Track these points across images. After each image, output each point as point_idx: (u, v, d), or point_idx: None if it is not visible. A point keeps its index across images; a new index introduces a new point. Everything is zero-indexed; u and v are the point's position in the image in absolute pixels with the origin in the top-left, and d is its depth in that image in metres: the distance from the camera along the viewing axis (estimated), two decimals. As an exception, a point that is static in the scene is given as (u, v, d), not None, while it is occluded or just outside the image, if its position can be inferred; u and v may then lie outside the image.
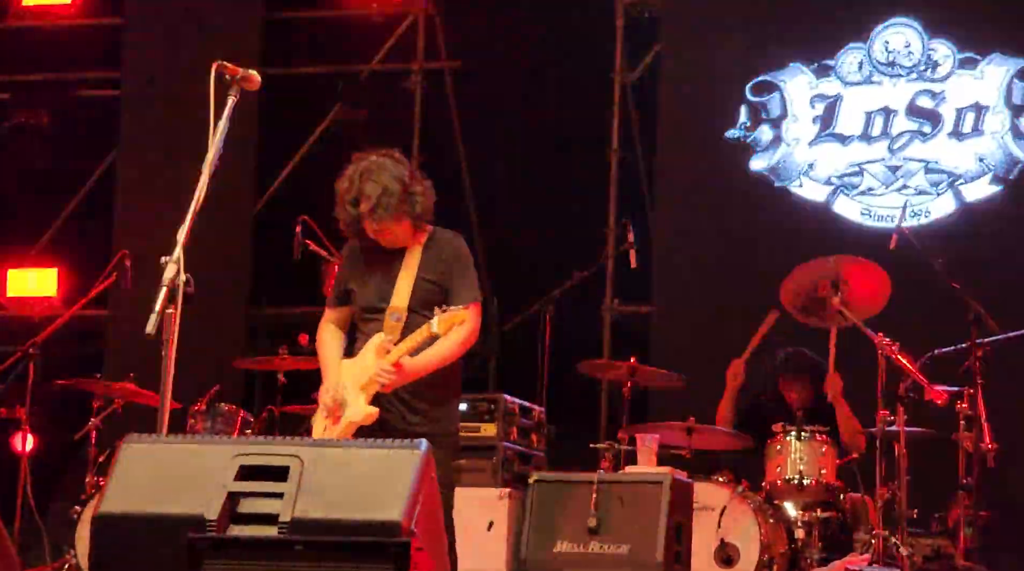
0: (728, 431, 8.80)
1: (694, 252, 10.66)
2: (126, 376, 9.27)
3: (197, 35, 11.51)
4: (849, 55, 10.59)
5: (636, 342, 10.25)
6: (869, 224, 10.37)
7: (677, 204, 10.81)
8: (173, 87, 11.53)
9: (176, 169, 11.20)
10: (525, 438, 8.57)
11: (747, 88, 10.68)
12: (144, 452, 4.48)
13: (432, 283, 6.28)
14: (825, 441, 8.27)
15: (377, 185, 6.20)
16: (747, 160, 10.66)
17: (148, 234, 10.55)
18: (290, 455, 4.35)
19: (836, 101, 10.59)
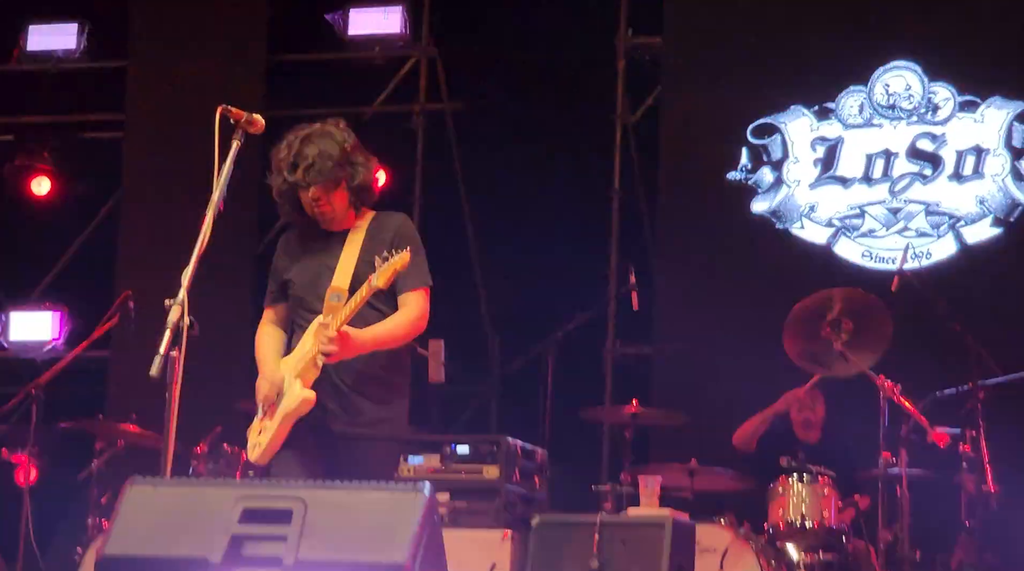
0: (729, 472, 8.80)
1: (696, 294, 10.67)
2: (128, 417, 9.29)
3: (201, 78, 11.55)
4: (850, 98, 10.62)
5: (638, 383, 10.26)
6: (870, 266, 10.38)
7: (679, 246, 10.83)
8: (176, 130, 11.57)
9: (179, 211, 11.25)
10: (527, 480, 8.56)
11: (748, 130, 10.71)
12: (148, 494, 4.49)
13: (374, 262, 5.69)
14: (828, 483, 8.27)
15: (316, 147, 5.83)
16: (748, 202, 10.68)
17: (151, 276, 10.60)
18: (293, 497, 4.37)
19: (837, 143, 10.62)
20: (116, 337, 10.76)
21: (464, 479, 8.37)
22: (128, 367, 11.03)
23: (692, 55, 10.97)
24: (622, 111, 11.37)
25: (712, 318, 10.53)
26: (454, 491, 8.32)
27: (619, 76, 11.39)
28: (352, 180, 5.87)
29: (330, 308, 5.70)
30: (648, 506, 7.88)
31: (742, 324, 10.27)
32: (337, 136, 5.89)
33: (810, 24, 10.71)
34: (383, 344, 5.73)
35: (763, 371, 9.32)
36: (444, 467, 8.42)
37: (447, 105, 11.85)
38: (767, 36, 10.76)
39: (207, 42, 11.79)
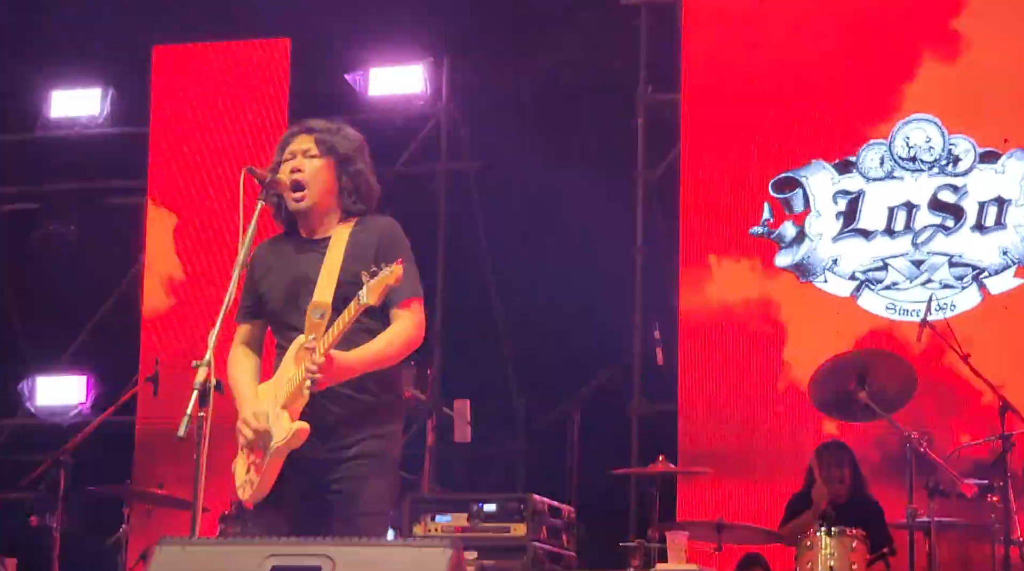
0: (757, 527, 8.77)
1: (720, 349, 10.66)
2: (155, 482, 9.30)
3: (223, 142, 11.63)
4: (871, 151, 10.64)
5: (664, 439, 10.24)
6: (895, 318, 10.37)
7: (701, 301, 10.83)
8: (198, 193, 11.64)
9: (202, 274, 11.30)
10: (555, 537, 8.54)
11: (769, 185, 10.74)
12: (177, 555, 4.50)
13: (360, 273, 5.15)
14: (856, 536, 8.23)
15: (332, 124, 5.52)
16: (771, 256, 10.69)
17: (176, 339, 10.66)
18: (321, 555, 4.37)
19: (859, 196, 10.63)
20: (142, 402, 10.79)
21: (491, 537, 8.35)
22: (154, 431, 11.06)
23: (711, 111, 11.00)
24: (643, 167, 11.40)
25: (736, 373, 10.52)
26: (482, 550, 8.29)
27: (639, 133, 11.43)
28: (348, 165, 5.45)
29: (312, 326, 5.20)
30: (676, 562, 7.86)
31: (766, 378, 10.27)
32: (353, 134, 5.56)
33: (829, 79, 10.74)
34: (375, 365, 5.25)
35: (789, 424, 9.31)
36: (471, 525, 8.40)
37: (468, 164, 11.89)
38: (786, 91, 10.79)
39: (228, 106, 11.87)
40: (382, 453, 5.31)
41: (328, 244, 5.39)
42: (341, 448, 5.26)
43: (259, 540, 4.57)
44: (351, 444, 5.26)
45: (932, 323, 8.82)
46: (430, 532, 8.32)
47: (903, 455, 8.13)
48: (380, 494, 5.32)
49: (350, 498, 5.25)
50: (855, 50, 10.71)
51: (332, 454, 5.26)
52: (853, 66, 10.74)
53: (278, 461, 5.22)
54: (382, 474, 5.30)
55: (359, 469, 5.27)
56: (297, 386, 5.18)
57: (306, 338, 5.21)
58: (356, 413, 5.27)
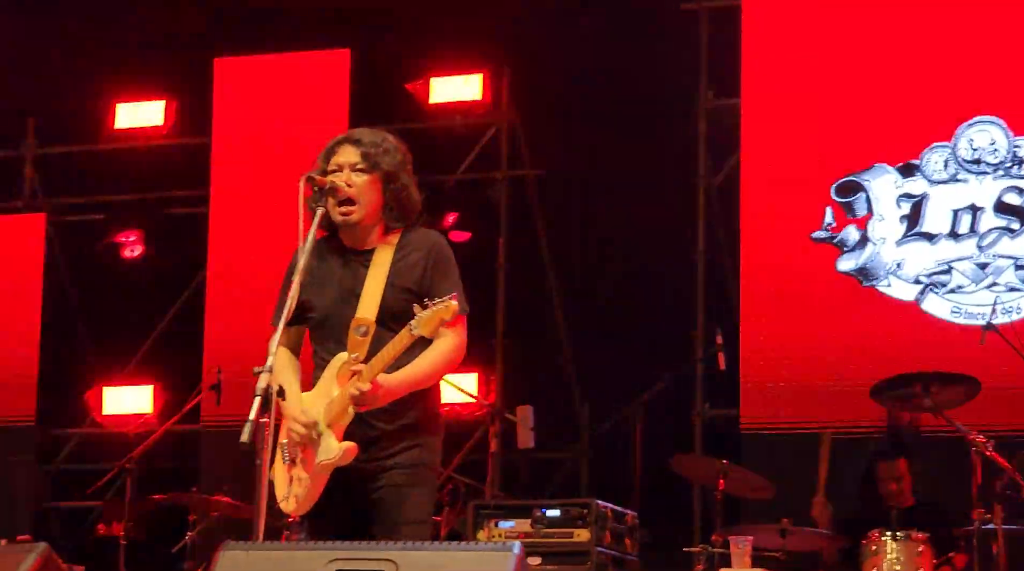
0: (823, 532, 8.74)
1: (782, 354, 10.62)
2: (220, 489, 9.35)
3: (283, 152, 11.70)
4: (934, 154, 10.58)
5: (728, 445, 10.21)
6: (959, 322, 10.30)
7: (764, 306, 10.79)
8: (260, 202, 11.72)
9: (264, 282, 11.35)
10: (619, 543, 8.53)
11: (832, 189, 10.69)
12: (241, 559, 4.52)
13: (406, 291, 5.32)
14: (922, 540, 8.18)
15: (378, 136, 5.50)
16: (834, 261, 10.64)
17: (239, 347, 10.72)
18: (384, 559, 4.39)
19: (922, 200, 10.57)
20: (206, 410, 10.86)
21: (555, 543, 8.35)
22: (219, 439, 11.12)
23: (772, 115, 10.96)
24: (704, 173, 11.39)
25: (798, 378, 10.48)
26: (545, 555, 8.29)
27: (700, 139, 11.41)
28: (392, 182, 5.44)
29: (355, 344, 5.27)
30: (740, 567, 7.83)
31: (829, 383, 10.22)
32: (395, 140, 5.55)
33: (892, 82, 10.69)
34: (418, 386, 5.32)
35: (852, 428, 9.28)
36: (535, 531, 8.40)
37: (529, 171, 11.91)
38: (848, 95, 10.74)
39: (289, 116, 11.94)
40: (421, 462, 5.37)
41: (372, 258, 5.42)
42: (382, 459, 5.34)
43: (322, 544, 4.59)
44: (392, 454, 5.34)
45: (997, 326, 8.76)
46: (493, 538, 8.33)
47: (969, 459, 8.08)
48: (420, 503, 5.38)
49: (391, 507, 5.33)
50: (917, 52, 10.65)
51: (372, 464, 5.34)
52: (916, 68, 10.68)
53: (324, 477, 5.30)
54: (422, 483, 5.38)
55: (398, 478, 5.34)
56: (342, 407, 5.26)
57: (349, 356, 5.28)
58: (398, 427, 5.34)
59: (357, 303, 5.35)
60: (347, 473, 5.31)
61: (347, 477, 5.32)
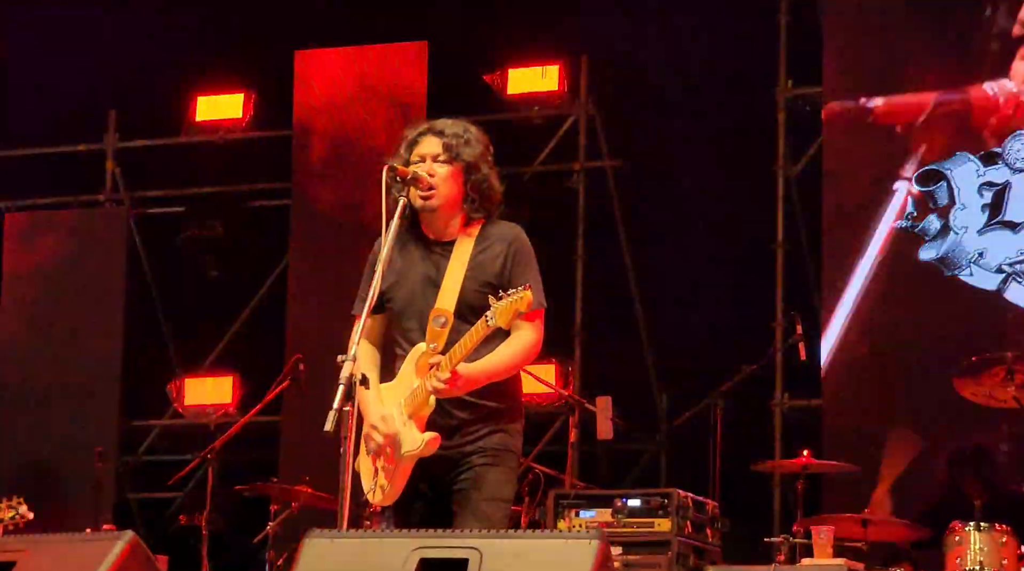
0: (904, 522, 8.69)
1: (863, 344, 10.56)
2: (302, 479, 9.40)
3: (363, 144, 11.74)
4: (1016, 142, 10.48)
5: (808, 435, 10.17)
6: (1042, 310, 10.22)
7: (844, 296, 10.73)
8: (340, 193, 11.77)
9: (345, 272, 11.41)
10: (699, 532, 8.52)
11: (913, 178, 10.61)
12: (326, 547, 4.56)
13: (486, 284, 5.37)
14: (1006, 531, 8.12)
15: (459, 127, 5.52)
16: (915, 250, 10.57)
17: (321, 338, 10.76)
18: (469, 547, 4.40)
19: (1005, 188, 10.48)
20: (287, 400, 10.91)
21: (636, 532, 8.35)
22: (300, 429, 11.18)
23: (852, 104, 10.89)
24: (784, 162, 11.33)
25: (880, 368, 10.42)
26: (626, 545, 8.29)
27: (780, 127, 11.36)
28: (473, 172, 5.47)
29: (434, 334, 5.35)
30: (822, 557, 7.80)
31: (911, 373, 10.16)
32: (477, 130, 5.59)
33: (974, 70, 10.60)
34: (496, 377, 5.37)
35: (933, 418, 9.22)
36: (616, 521, 8.41)
37: (607, 162, 11.89)
38: (930, 83, 10.66)
39: (369, 106, 11.98)
40: (504, 446, 5.44)
41: (453, 249, 5.46)
42: (464, 444, 5.41)
43: (406, 532, 4.62)
44: (474, 440, 5.41)
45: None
46: (574, 528, 8.33)
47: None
48: (500, 482, 5.41)
49: (472, 487, 5.38)
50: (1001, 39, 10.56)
51: (454, 451, 5.40)
52: (994, 55, 10.59)
53: (409, 467, 5.37)
54: (502, 464, 5.42)
55: (480, 461, 5.40)
56: (423, 397, 5.32)
57: (427, 346, 5.35)
58: (479, 416, 5.41)
59: (437, 294, 5.41)
60: (430, 462, 5.37)
61: (430, 465, 5.38)
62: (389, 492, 5.41)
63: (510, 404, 5.48)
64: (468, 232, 5.50)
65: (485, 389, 5.38)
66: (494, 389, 5.40)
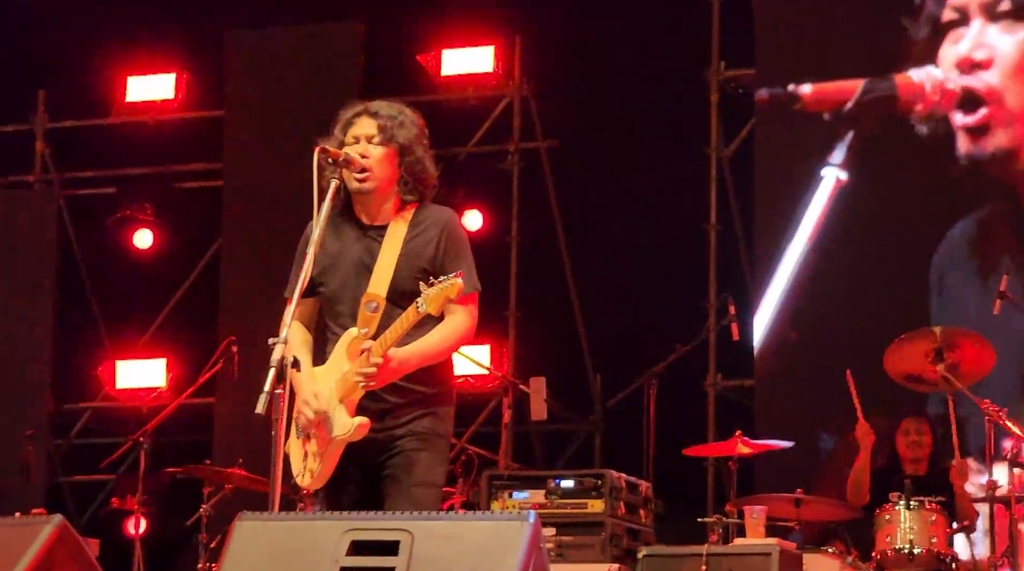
0: (835, 501, 8.73)
1: (794, 325, 10.61)
2: (235, 462, 9.36)
3: (296, 124, 11.69)
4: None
5: (741, 415, 10.22)
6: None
7: (776, 278, 10.77)
8: (273, 175, 11.70)
9: (277, 254, 11.36)
10: (632, 513, 8.54)
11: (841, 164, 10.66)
12: (257, 529, 4.54)
13: (418, 268, 5.33)
14: (935, 510, 8.18)
15: (394, 109, 5.49)
16: (845, 233, 10.61)
17: (253, 320, 10.72)
18: (400, 529, 4.39)
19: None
20: (220, 382, 10.86)
21: (569, 513, 8.36)
22: (233, 412, 11.13)
23: (786, 85, 10.92)
24: (716, 144, 11.37)
25: (812, 348, 10.47)
26: (560, 526, 8.30)
27: (713, 109, 11.38)
28: (407, 155, 5.43)
29: (365, 319, 5.31)
30: (755, 536, 7.84)
31: (842, 352, 10.21)
32: (412, 113, 5.54)
33: (897, 52, 10.66)
34: (429, 361, 5.35)
35: (864, 397, 9.26)
36: (549, 502, 8.41)
37: (541, 143, 11.89)
38: (861, 64, 10.70)
39: (302, 89, 11.91)
40: (434, 430, 5.40)
41: (386, 233, 5.43)
42: (394, 428, 5.37)
43: (338, 515, 4.60)
44: (404, 423, 5.37)
45: (1008, 294, 8.73)
46: (508, 509, 8.33)
47: (981, 427, 8.07)
48: (431, 466, 5.39)
49: (402, 472, 5.35)
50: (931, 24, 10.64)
51: (385, 434, 5.36)
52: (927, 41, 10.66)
53: (338, 451, 5.34)
54: (432, 448, 5.39)
55: (410, 445, 5.37)
56: (353, 382, 5.28)
57: (359, 331, 5.31)
58: (410, 400, 5.38)
59: (369, 278, 5.38)
60: (360, 445, 5.35)
61: (360, 449, 5.36)
62: (318, 475, 5.39)
63: (441, 388, 5.45)
64: (402, 216, 5.46)
65: (416, 373, 5.35)
66: (425, 373, 5.37)
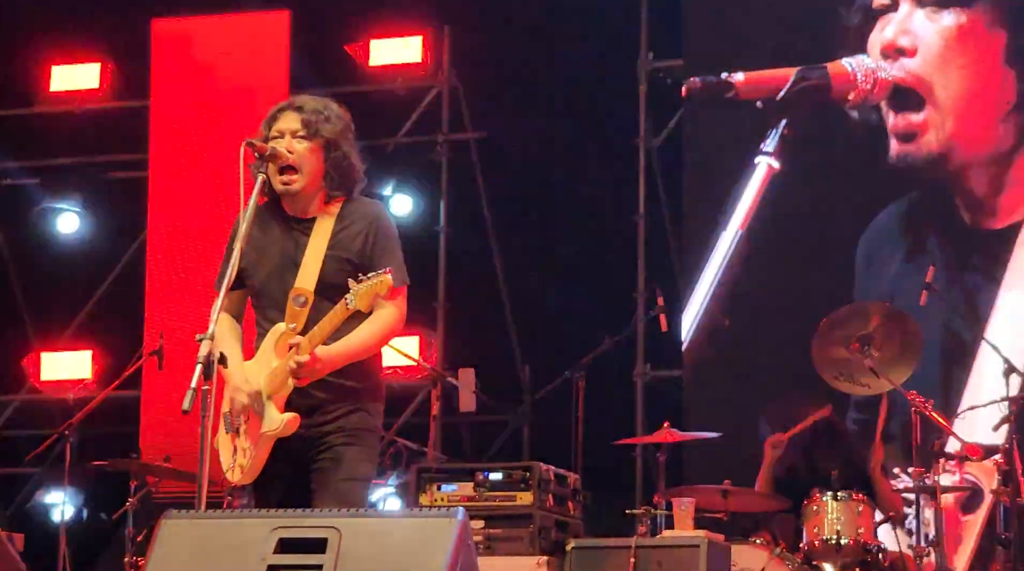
0: (764, 493, 8.79)
1: (723, 315, 10.63)
2: (162, 455, 9.31)
3: (223, 114, 11.61)
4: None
5: (669, 406, 10.25)
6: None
7: (706, 268, 10.80)
8: (199, 167, 11.63)
9: (204, 247, 11.30)
10: (561, 506, 8.54)
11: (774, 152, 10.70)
12: (184, 527, 4.51)
13: (346, 262, 5.33)
14: (862, 500, 8.24)
15: (320, 104, 5.47)
16: (776, 222, 10.65)
17: (180, 312, 10.67)
18: (328, 526, 4.38)
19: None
20: (147, 375, 10.80)
21: (497, 506, 8.35)
22: (160, 405, 11.06)
23: (714, 73, 10.94)
24: (645, 134, 11.38)
25: (740, 338, 10.51)
26: (488, 519, 8.29)
27: (641, 100, 11.40)
28: (333, 150, 5.42)
29: (293, 314, 5.31)
30: (683, 528, 7.86)
31: (770, 343, 10.27)
32: (338, 107, 5.52)
33: (830, 40, 10.70)
34: (358, 357, 5.35)
35: (796, 386, 9.32)
36: (477, 495, 8.40)
37: (470, 134, 11.87)
38: (788, 54, 10.74)
39: (229, 78, 11.84)
40: (363, 426, 5.39)
41: (313, 227, 5.41)
42: (323, 424, 5.36)
43: (265, 512, 4.57)
44: (332, 420, 5.36)
45: (934, 285, 8.79)
46: (436, 502, 8.32)
47: (908, 418, 8.13)
48: (359, 461, 5.38)
49: (331, 465, 5.34)
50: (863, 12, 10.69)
51: (314, 431, 5.35)
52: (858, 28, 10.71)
53: (268, 447, 5.33)
54: (361, 444, 5.38)
55: (339, 441, 5.36)
56: (282, 378, 5.28)
57: (286, 326, 5.30)
58: (338, 396, 5.36)
59: (297, 272, 5.36)
60: (289, 441, 5.33)
61: (289, 445, 5.34)
62: (248, 471, 5.38)
63: (370, 383, 5.44)
64: (329, 210, 5.44)
65: (344, 368, 5.33)
66: (354, 368, 5.36)
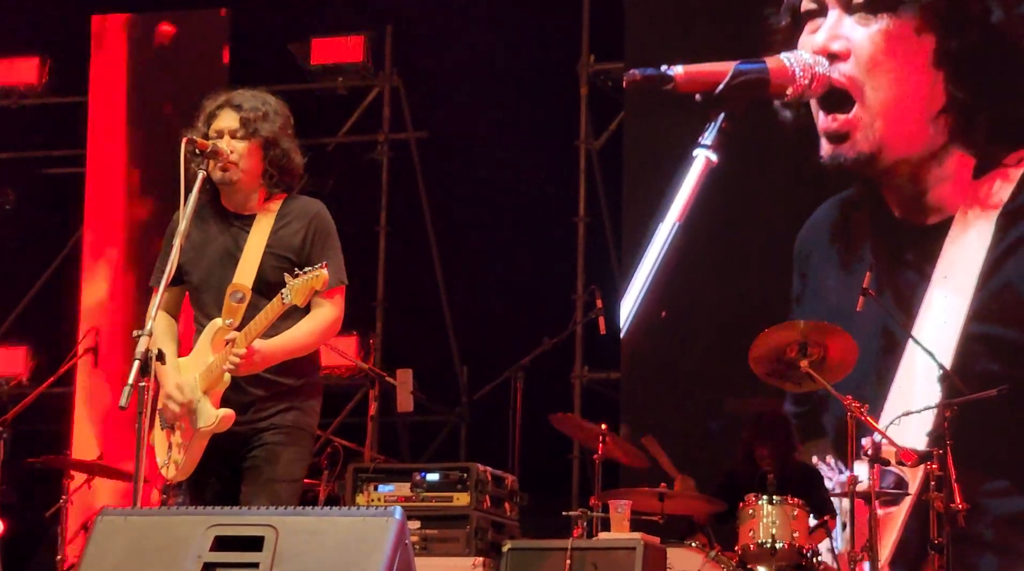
0: (700, 496, 8.81)
1: (660, 310, 10.64)
2: (95, 452, 9.26)
3: (162, 111, 11.55)
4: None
5: (607, 409, 10.26)
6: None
7: (643, 263, 10.80)
8: (137, 163, 11.56)
9: (142, 244, 11.24)
10: (498, 507, 8.55)
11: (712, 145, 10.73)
12: (119, 525, 4.48)
13: (285, 259, 5.34)
14: (797, 504, 8.26)
15: (258, 100, 5.46)
16: (713, 215, 10.67)
17: (116, 310, 10.60)
18: (265, 525, 4.36)
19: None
20: (81, 372, 10.73)
21: (434, 507, 8.35)
22: (94, 402, 10.99)
23: (655, 71, 10.95)
24: (586, 137, 11.40)
25: (679, 340, 10.54)
26: (424, 519, 8.29)
27: (582, 102, 11.41)
28: (272, 148, 5.41)
29: (230, 309, 5.29)
30: (619, 530, 7.87)
31: (709, 345, 10.29)
32: (282, 111, 5.52)
33: (771, 42, 10.74)
34: (295, 354, 5.34)
35: (733, 390, 9.34)
36: (414, 495, 8.39)
37: (411, 134, 11.86)
38: (730, 52, 10.76)
39: (168, 75, 11.79)
40: (297, 425, 5.39)
41: (253, 224, 5.42)
42: (257, 421, 5.36)
43: (202, 510, 4.55)
44: (267, 417, 5.36)
45: (871, 291, 8.84)
46: (373, 502, 8.31)
47: (843, 423, 8.16)
48: (292, 461, 5.38)
49: (264, 464, 5.34)
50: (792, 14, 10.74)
51: (249, 427, 5.35)
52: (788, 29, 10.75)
53: (203, 443, 5.32)
54: (295, 444, 5.38)
55: (273, 439, 5.36)
56: (217, 374, 5.27)
57: (223, 322, 5.30)
58: (275, 393, 5.37)
59: (235, 268, 5.36)
60: (225, 438, 5.32)
61: (224, 442, 5.33)
62: (183, 467, 5.36)
63: (306, 381, 5.44)
64: (269, 207, 5.45)
65: (281, 366, 5.33)
66: (290, 366, 5.36)
